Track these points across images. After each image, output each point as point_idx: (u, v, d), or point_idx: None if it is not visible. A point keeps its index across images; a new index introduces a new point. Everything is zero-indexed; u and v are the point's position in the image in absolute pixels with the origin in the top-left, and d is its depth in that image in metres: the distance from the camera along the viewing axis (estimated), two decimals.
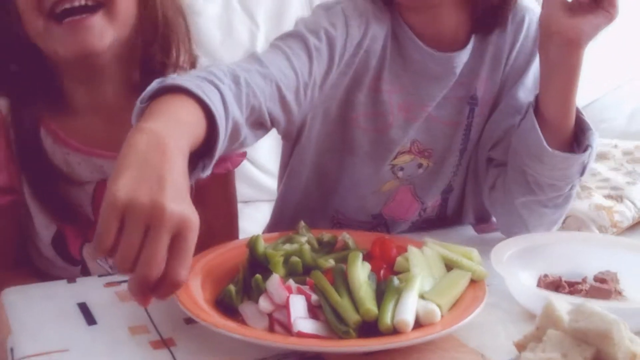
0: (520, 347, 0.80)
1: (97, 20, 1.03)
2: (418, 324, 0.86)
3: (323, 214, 1.26)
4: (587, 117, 1.12)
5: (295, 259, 0.97)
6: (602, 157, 1.87)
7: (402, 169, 1.21)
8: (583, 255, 1.06)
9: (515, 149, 1.13)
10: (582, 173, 1.10)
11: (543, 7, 1.07)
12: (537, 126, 1.08)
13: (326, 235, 1.07)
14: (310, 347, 0.82)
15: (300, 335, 0.84)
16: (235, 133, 0.94)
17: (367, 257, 1.00)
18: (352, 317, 0.85)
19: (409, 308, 0.86)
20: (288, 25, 1.21)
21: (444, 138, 1.21)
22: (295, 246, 1.01)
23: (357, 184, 1.22)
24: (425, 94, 1.17)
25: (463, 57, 1.15)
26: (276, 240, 1.04)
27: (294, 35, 1.08)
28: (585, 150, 1.08)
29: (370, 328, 0.86)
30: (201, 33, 2.05)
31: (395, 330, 0.85)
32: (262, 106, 0.99)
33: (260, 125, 1.03)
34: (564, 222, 1.63)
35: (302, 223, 1.09)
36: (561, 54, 1.06)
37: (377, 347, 0.83)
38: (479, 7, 1.13)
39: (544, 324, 0.79)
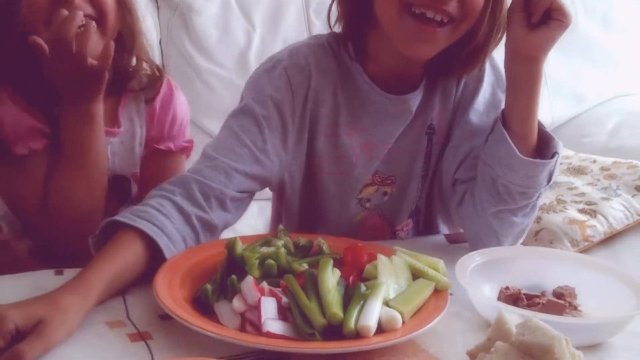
0: (472, 356, 0.85)
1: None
2: (381, 329, 0.92)
3: None
4: (570, 131, 1.18)
5: (270, 261, 1.02)
6: (579, 171, 1.91)
7: (369, 200, 1.29)
8: (545, 270, 1.11)
9: (486, 162, 1.19)
10: (549, 180, 1.17)
11: (507, 31, 1.14)
12: (508, 137, 1.14)
13: (302, 240, 1.12)
14: (277, 348, 0.87)
15: (269, 335, 0.89)
16: (196, 225, 1.12)
17: (339, 263, 1.05)
18: (319, 320, 0.90)
19: (372, 314, 0.91)
20: (283, 28, 1.26)
21: (405, 166, 1.28)
22: (271, 249, 1.05)
23: (331, 223, 1.29)
24: (386, 133, 1.24)
25: (417, 97, 1.22)
26: (254, 243, 1.09)
27: (243, 111, 1.20)
28: (552, 156, 1.15)
29: (336, 331, 0.91)
30: (199, 32, 2.09)
31: (358, 335, 0.90)
32: (224, 190, 1.15)
33: (237, 200, 1.18)
34: (537, 234, 1.67)
35: (281, 227, 1.15)
36: (523, 70, 1.14)
37: (339, 349, 0.88)
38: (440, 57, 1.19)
39: (494, 335, 0.84)
